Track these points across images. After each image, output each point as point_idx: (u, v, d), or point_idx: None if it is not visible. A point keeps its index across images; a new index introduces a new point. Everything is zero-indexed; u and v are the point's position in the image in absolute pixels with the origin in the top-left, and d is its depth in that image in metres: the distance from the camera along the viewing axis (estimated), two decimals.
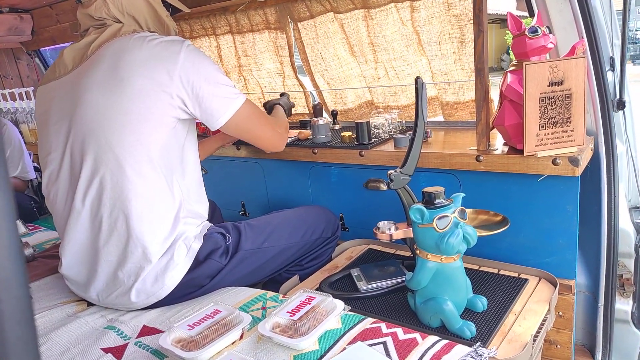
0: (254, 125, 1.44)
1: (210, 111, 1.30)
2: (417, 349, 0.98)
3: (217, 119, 1.32)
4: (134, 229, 1.22)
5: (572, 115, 1.32)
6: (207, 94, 1.27)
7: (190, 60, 1.26)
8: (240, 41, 2.33)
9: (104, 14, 1.33)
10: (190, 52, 1.27)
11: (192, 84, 1.25)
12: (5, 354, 0.18)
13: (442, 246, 1.11)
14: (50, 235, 2.02)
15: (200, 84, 1.26)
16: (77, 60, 1.32)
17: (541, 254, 1.48)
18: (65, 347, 1.15)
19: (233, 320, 1.09)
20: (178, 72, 1.23)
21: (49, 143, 1.32)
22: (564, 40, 1.48)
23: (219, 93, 1.30)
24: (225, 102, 1.31)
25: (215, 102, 1.29)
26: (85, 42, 1.33)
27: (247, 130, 1.43)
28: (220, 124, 1.33)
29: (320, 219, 1.63)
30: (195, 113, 1.29)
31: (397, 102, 2.02)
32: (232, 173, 2.21)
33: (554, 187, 1.40)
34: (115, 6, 1.33)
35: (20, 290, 0.19)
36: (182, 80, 1.24)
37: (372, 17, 1.89)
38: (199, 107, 1.28)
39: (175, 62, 1.23)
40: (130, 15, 1.36)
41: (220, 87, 1.30)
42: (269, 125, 1.50)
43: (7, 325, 0.18)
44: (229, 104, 1.32)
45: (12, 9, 2.87)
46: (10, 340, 0.18)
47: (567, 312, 1.46)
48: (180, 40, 1.29)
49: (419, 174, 1.54)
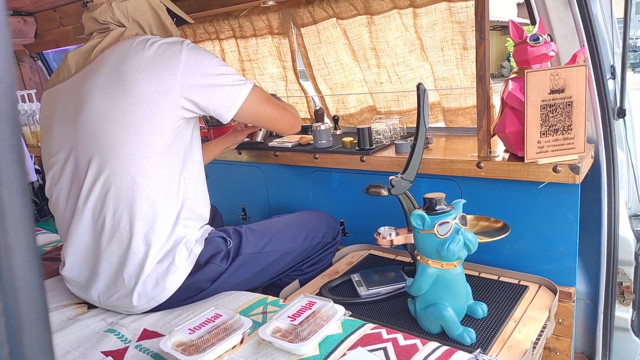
0: (267, 109, 1.44)
1: (220, 103, 1.31)
2: (418, 355, 0.98)
3: (229, 109, 1.33)
4: (137, 229, 1.23)
5: (573, 123, 1.33)
6: (214, 87, 1.28)
7: (192, 58, 1.27)
8: (243, 46, 2.35)
9: (108, 18, 1.35)
10: (191, 50, 1.28)
11: (198, 81, 1.26)
12: (22, 354, 0.18)
13: (443, 252, 1.11)
14: (50, 237, 2.02)
15: (206, 79, 1.27)
16: (81, 64, 1.33)
17: (541, 261, 1.49)
18: (65, 350, 1.15)
19: (234, 325, 1.09)
20: (182, 72, 1.24)
21: (52, 145, 1.33)
22: (565, 48, 1.49)
23: (226, 84, 1.31)
24: (233, 91, 1.33)
25: (223, 94, 1.30)
26: (89, 46, 1.35)
27: (260, 114, 1.43)
28: (233, 113, 1.34)
29: (321, 224, 1.63)
30: (207, 108, 1.30)
31: (399, 107, 2.03)
32: (233, 177, 2.22)
33: (555, 195, 1.41)
34: (121, 11, 1.35)
35: (37, 292, 0.19)
36: (187, 79, 1.25)
37: (375, 23, 1.90)
38: (209, 101, 1.29)
39: (178, 63, 1.25)
40: (134, 20, 1.38)
41: (226, 77, 1.31)
42: (281, 106, 1.51)
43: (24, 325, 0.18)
44: (237, 92, 1.33)
45: (16, 12, 2.88)
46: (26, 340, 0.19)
47: (567, 320, 1.46)
48: (180, 40, 1.31)
49: (420, 180, 1.54)
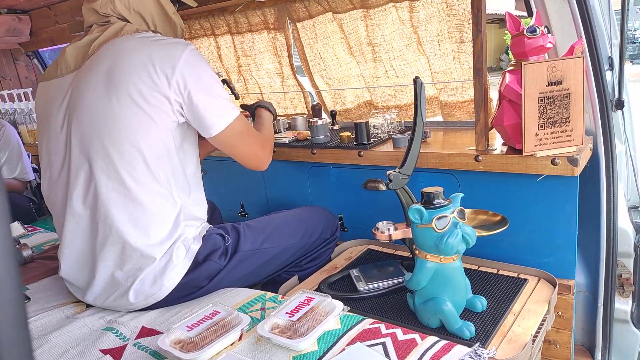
0: (243, 143, 1.38)
1: (203, 121, 1.27)
2: (417, 350, 0.98)
3: (209, 130, 1.29)
4: (129, 235, 1.21)
5: (571, 115, 1.32)
6: (203, 103, 1.24)
7: (190, 66, 1.23)
8: (239, 41, 2.33)
9: (109, 10, 1.31)
10: (191, 57, 1.24)
11: (189, 91, 1.22)
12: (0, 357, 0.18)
13: (441, 246, 1.11)
14: (48, 236, 2.01)
15: (197, 92, 1.23)
16: (80, 60, 1.30)
17: (540, 254, 1.48)
18: (64, 348, 1.14)
19: (232, 321, 1.08)
20: (176, 77, 1.21)
21: (49, 145, 1.31)
22: (563, 40, 1.48)
23: (215, 105, 1.27)
24: (220, 115, 1.28)
25: (208, 113, 1.26)
26: (87, 40, 1.32)
27: (234, 146, 1.38)
28: (210, 135, 1.30)
29: (320, 220, 1.63)
30: (188, 118, 1.27)
31: (397, 102, 2.02)
32: (231, 174, 2.21)
33: (553, 187, 1.40)
34: (122, 2, 1.31)
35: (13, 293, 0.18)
36: (180, 85, 1.21)
37: (371, 16, 1.88)
38: (192, 115, 1.26)
39: (174, 67, 1.21)
40: (136, 11, 1.34)
41: (217, 99, 1.28)
42: (258, 144, 1.43)
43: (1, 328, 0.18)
44: (222, 117, 1.29)
45: (11, 10, 2.87)
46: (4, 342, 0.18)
47: (566, 312, 1.46)
48: (183, 43, 1.27)
49: (418, 174, 1.54)
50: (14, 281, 0.18)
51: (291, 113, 2.38)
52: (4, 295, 0.18)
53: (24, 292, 1.48)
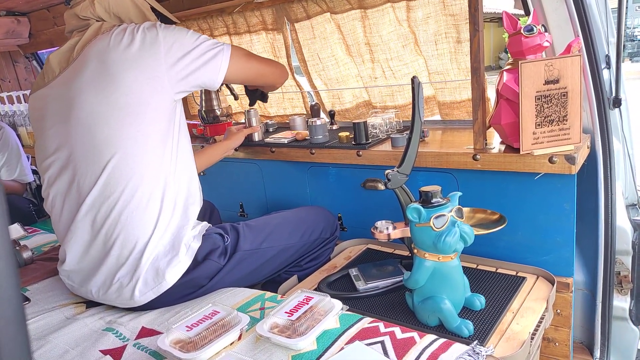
0: (252, 64, 1.48)
1: (207, 73, 1.33)
2: (415, 348, 0.98)
3: (217, 76, 1.35)
4: (134, 228, 1.23)
5: (568, 113, 1.32)
6: (196, 60, 1.30)
7: (170, 37, 1.28)
8: (237, 42, 2.33)
9: (89, 14, 1.34)
10: (165, 30, 1.29)
11: (180, 59, 1.28)
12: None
13: (440, 245, 1.11)
14: (48, 237, 2.01)
15: (188, 55, 1.29)
16: (64, 64, 1.32)
17: (539, 252, 1.49)
18: (64, 349, 1.15)
19: (231, 321, 1.09)
20: (164, 54, 1.26)
21: (46, 147, 1.32)
22: (560, 39, 1.49)
23: (205, 53, 1.33)
24: (216, 58, 1.34)
25: (207, 64, 1.32)
26: (69, 45, 1.34)
27: (247, 71, 1.47)
28: (221, 80, 1.36)
29: (319, 220, 1.63)
30: (196, 82, 1.32)
31: (395, 102, 2.03)
32: (231, 174, 2.22)
33: (551, 185, 1.41)
34: (102, 6, 1.34)
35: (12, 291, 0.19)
36: (171, 59, 1.26)
37: (369, 17, 1.89)
38: (195, 75, 1.31)
39: (159, 46, 1.26)
40: (115, 15, 1.37)
41: (202, 46, 1.33)
42: (264, 60, 1.55)
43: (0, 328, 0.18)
44: (220, 59, 1.35)
45: (9, 12, 2.87)
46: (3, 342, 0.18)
47: (565, 310, 1.46)
48: (153, 23, 1.32)
49: (416, 173, 1.54)
50: (13, 282, 0.19)
51: (290, 113, 2.38)
52: (3, 295, 0.18)
53: (24, 294, 1.48)
